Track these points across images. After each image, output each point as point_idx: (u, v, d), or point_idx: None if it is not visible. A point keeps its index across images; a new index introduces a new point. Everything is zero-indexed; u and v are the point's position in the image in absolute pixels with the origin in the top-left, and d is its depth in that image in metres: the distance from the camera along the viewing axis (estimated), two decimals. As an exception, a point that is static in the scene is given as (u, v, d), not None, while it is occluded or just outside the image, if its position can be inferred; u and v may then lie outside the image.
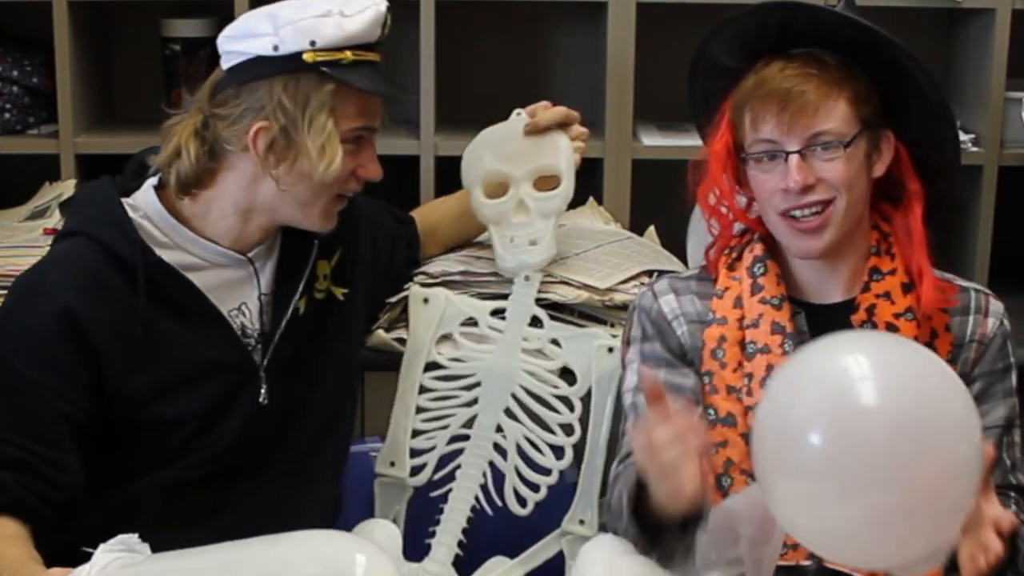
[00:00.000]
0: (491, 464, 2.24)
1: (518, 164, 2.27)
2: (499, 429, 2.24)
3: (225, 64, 2.00)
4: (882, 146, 1.96)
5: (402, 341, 2.26)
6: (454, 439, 2.26)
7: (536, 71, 2.98)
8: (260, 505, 2.04)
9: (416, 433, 2.26)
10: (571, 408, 2.24)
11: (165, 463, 2.00)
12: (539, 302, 2.26)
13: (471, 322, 2.26)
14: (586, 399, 2.24)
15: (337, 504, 2.18)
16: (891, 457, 1.59)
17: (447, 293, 2.26)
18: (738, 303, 2.02)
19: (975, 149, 2.72)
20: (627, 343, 2.09)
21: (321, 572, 1.58)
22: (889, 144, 1.97)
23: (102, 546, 1.69)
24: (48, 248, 2.09)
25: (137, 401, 1.96)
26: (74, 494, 1.90)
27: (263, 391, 2.05)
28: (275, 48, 1.94)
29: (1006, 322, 2.03)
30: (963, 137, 2.72)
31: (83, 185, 2.11)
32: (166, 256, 1.99)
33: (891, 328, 1.96)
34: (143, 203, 2.03)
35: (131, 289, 1.96)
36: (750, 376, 1.97)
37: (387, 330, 2.27)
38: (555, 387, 2.24)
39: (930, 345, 1.95)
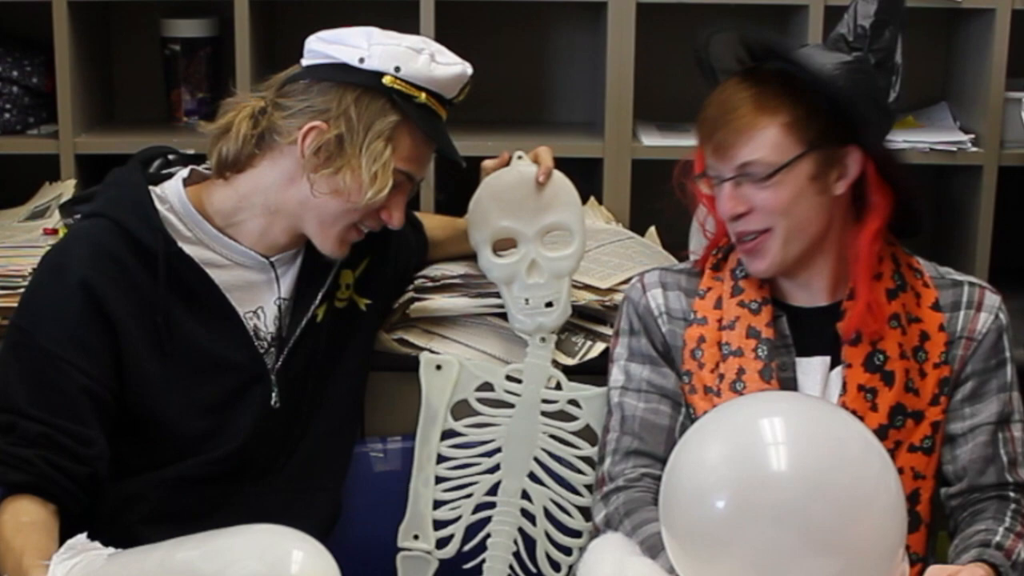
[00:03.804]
0: (520, 531, 2.23)
1: (527, 221, 2.20)
2: (524, 495, 2.22)
3: (305, 61, 2.03)
4: (847, 162, 1.91)
5: (403, 342, 2.26)
6: (479, 507, 2.23)
7: (536, 71, 2.99)
8: (260, 508, 2.03)
9: (438, 504, 2.23)
10: (595, 468, 2.19)
11: (174, 459, 2.01)
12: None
13: (486, 387, 2.23)
14: None
15: (336, 511, 2.18)
16: (823, 525, 1.59)
17: (460, 359, 2.22)
18: (719, 304, 2.02)
19: (975, 149, 2.72)
20: (617, 335, 2.09)
21: (261, 568, 1.59)
22: (856, 160, 1.91)
23: (55, 557, 1.69)
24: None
25: (149, 389, 1.97)
26: (99, 467, 1.91)
27: (274, 394, 2.06)
28: (361, 60, 1.97)
29: (1002, 316, 2.00)
30: (963, 137, 2.73)
31: (112, 170, 2.13)
32: (188, 250, 2.01)
33: (875, 337, 1.94)
34: (171, 195, 2.04)
35: (150, 276, 1.97)
36: (722, 377, 1.97)
37: (387, 331, 2.26)
38: (578, 448, 2.22)
39: (920, 348, 1.95)
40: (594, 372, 2.24)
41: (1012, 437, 1.97)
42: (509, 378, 2.22)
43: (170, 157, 2.17)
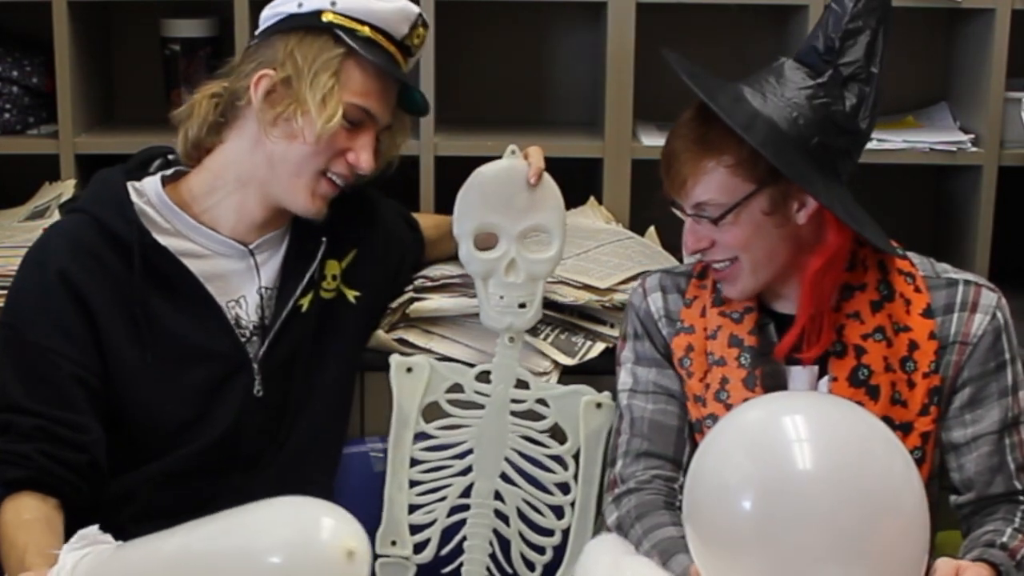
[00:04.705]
0: (495, 532, 2.22)
1: (513, 218, 2.18)
2: (497, 495, 2.22)
3: (257, 32, 2.08)
4: (806, 193, 1.87)
5: (403, 342, 2.26)
6: (453, 510, 2.22)
7: (536, 71, 2.98)
8: (250, 502, 2.04)
9: (413, 508, 2.22)
10: (565, 467, 2.21)
11: (159, 453, 2.02)
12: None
13: (456, 388, 2.22)
14: (576, 456, 2.20)
15: None
16: (846, 528, 1.57)
17: (430, 360, 2.22)
18: (703, 313, 2.01)
19: (975, 149, 2.72)
20: (623, 339, 2.09)
21: (287, 536, 1.58)
22: None
23: (65, 546, 1.69)
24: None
25: (130, 379, 1.99)
26: (97, 454, 1.93)
27: (257, 383, 2.06)
28: (299, 5, 2.01)
29: (1000, 315, 1.94)
30: (963, 137, 2.73)
31: (98, 171, 2.17)
32: (166, 241, 2.03)
33: (859, 351, 1.91)
34: (148, 189, 2.07)
35: (126, 268, 1.99)
36: (707, 387, 1.97)
37: (387, 331, 2.26)
38: (547, 447, 2.21)
39: (908, 358, 1.92)
40: (594, 372, 2.24)
41: (1020, 441, 1.93)
42: (478, 379, 2.22)
43: (170, 157, 2.18)
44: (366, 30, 2.02)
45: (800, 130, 1.85)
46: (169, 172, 2.11)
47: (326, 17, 2.01)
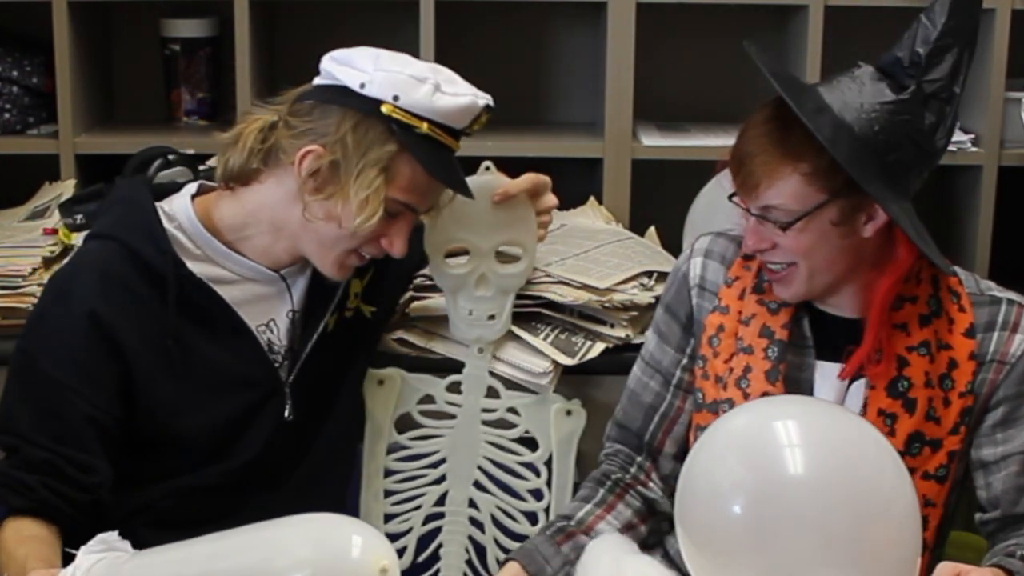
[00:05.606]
0: (470, 538, 2.24)
1: (484, 235, 2.17)
2: (471, 503, 2.23)
3: (317, 80, 2.00)
4: (876, 206, 1.84)
5: (403, 342, 2.26)
6: (428, 519, 2.24)
7: (536, 71, 2.99)
8: (266, 514, 2.03)
9: (389, 517, 2.23)
10: (537, 474, 2.23)
11: (186, 471, 2.01)
12: (537, 301, 2.26)
13: (428, 399, 2.23)
14: (548, 463, 2.22)
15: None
16: (837, 532, 1.58)
17: (401, 372, 2.23)
18: (742, 295, 2.00)
19: (975, 149, 2.72)
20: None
21: (314, 554, 1.57)
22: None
23: (84, 548, 1.69)
24: (62, 246, 2.13)
25: (163, 410, 1.97)
26: (102, 494, 1.91)
27: (288, 407, 2.06)
28: (362, 86, 1.93)
29: None
30: (963, 137, 2.73)
31: (118, 181, 2.13)
32: (197, 268, 1.99)
33: (901, 362, 1.89)
34: (179, 212, 2.02)
35: (159, 299, 1.96)
36: (731, 371, 1.96)
37: (387, 331, 2.27)
38: (519, 455, 2.23)
39: (947, 376, 1.90)
40: (594, 372, 2.25)
41: None
42: (449, 389, 2.23)
43: (170, 157, 2.17)
44: (424, 126, 1.94)
45: (879, 145, 1.82)
46: (194, 188, 2.06)
47: (386, 109, 1.92)
